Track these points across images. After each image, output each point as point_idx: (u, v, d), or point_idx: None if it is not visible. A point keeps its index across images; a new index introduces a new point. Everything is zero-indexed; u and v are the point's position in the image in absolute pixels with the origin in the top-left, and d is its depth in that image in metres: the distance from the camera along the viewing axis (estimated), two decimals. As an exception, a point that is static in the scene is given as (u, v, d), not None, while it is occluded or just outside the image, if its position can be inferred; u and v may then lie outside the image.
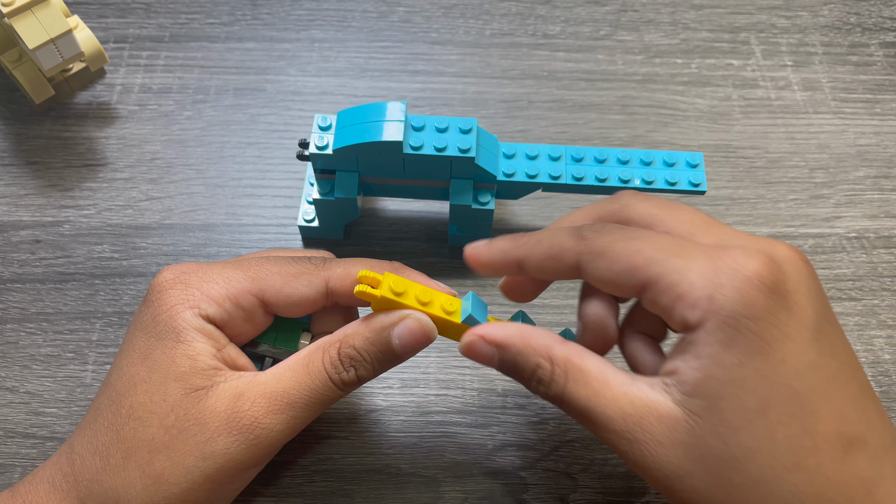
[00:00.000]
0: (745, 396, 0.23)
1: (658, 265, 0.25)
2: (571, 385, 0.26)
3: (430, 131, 0.36)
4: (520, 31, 0.49)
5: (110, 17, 0.49)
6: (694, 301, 0.24)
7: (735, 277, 0.24)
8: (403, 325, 0.28)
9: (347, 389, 0.29)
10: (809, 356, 0.24)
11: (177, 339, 0.29)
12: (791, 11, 0.51)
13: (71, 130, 0.45)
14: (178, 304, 0.29)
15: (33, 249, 0.41)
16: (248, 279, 0.30)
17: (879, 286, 0.41)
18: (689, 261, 0.25)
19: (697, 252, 0.25)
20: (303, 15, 0.50)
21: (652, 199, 0.28)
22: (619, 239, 0.26)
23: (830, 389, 0.24)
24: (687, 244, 0.25)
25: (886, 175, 0.45)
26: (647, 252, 0.25)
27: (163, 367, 0.28)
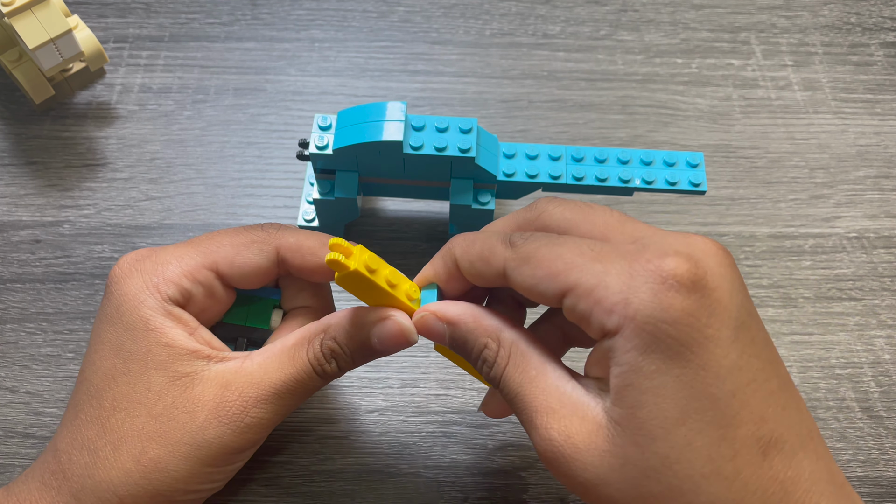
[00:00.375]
0: (664, 405, 0.23)
1: (577, 270, 0.24)
2: (510, 368, 0.26)
3: (430, 131, 0.36)
4: (520, 31, 0.49)
5: (110, 16, 0.49)
6: (611, 306, 0.23)
7: (651, 279, 0.23)
8: (384, 325, 0.28)
9: (329, 378, 0.30)
10: (731, 358, 0.23)
11: (146, 328, 0.29)
12: (791, 11, 0.51)
13: (71, 130, 0.45)
14: (138, 291, 0.29)
15: (33, 249, 0.41)
16: (200, 254, 0.30)
17: (879, 286, 0.41)
18: (607, 264, 0.24)
19: (615, 255, 0.24)
20: (303, 15, 0.50)
21: (567, 203, 0.28)
22: (542, 245, 0.26)
23: (750, 391, 0.23)
24: (606, 248, 0.25)
25: (887, 175, 0.45)
26: (566, 257, 0.25)
27: (139, 358, 0.29)
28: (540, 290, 0.25)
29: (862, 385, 0.38)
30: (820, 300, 0.40)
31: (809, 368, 0.38)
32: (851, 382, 0.38)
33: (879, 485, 0.36)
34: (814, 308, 0.40)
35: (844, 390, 0.38)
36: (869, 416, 0.37)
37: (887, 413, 0.37)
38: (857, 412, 0.37)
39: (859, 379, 0.38)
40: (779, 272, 0.41)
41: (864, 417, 0.37)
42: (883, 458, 0.36)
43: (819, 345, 0.39)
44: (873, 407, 0.38)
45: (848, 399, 0.38)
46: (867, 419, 0.37)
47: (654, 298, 0.23)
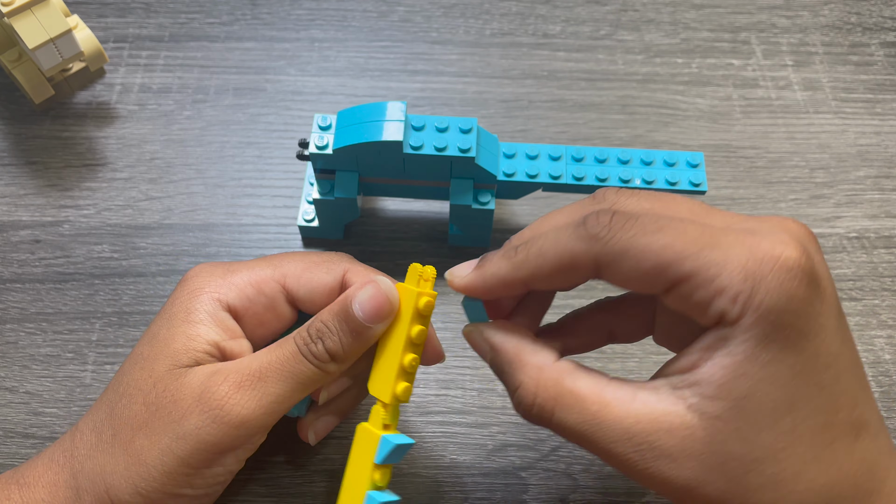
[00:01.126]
0: (776, 393, 0.23)
1: (692, 260, 0.23)
2: (562, 413, 0.25)
3: (430, 131, 0.36)
4: (520, 31, 0.49)
5: (110, 16, 0.49)
6: (735, 295, 0.23)
7: (776, 268, 0.23)
8: (365, 291, 0.28)
9: (322, 366, 0.28)
10: (836, 345, 0.23)
11: (185, 319, 0.29)
12: (792, 11, 0.51)
13: (70, 130, 0.45)
14: (198, 288, 0.30)
15: (33, 249, 0.41)
16: (271, 267, 0.31)
17: (880, 286, 0.41)
18: (725, 251, 0.23)
19: (731, 240, 0.23)
20: (303, 15, 0.49)
21: (639, 194, 0.26)
22: (639, 233, 0.24)
23: (848, 377, 0.24)
24: (717, 232, 0.24)
25: (887, 175, 0.45)
26: (676, 245, 0.23)
27: (161, 344, 0.29)
28: (646, 283, 0.24)
29: (862, 385, 0.38)
30: (820, 300, 0.40)
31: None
32: (852, 382, 0.38)
33: (880, 485, 0.35)
34: (814, 308, 0.40)
35: (845, 390, 0.38)
36: (869, 416, 0.37)
37: (887, 413, 0.37)
38: (858, 412, 0.37)
39: (859, 379, 0.38)
40: (779, 272, 0.41)
41: (865, 417, 0.37)
42: (883, 459, 0.36)
43: (819, 345, 0.39)
44: (874, 407, 0.38)
45: (848, 399, 0.38)
46: (867, 419, 0.37)
47: (780, 287, 0.22)
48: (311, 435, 0.32)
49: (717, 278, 0.23)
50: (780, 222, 0.25)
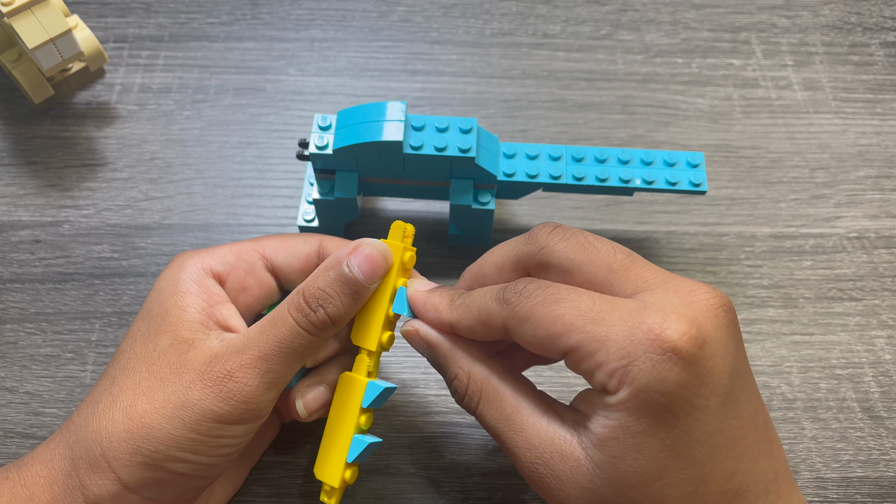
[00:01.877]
0: (645, 462, 0.25)
1: (577, 332, 0.25)
2: (483, 406, 0.28)
3: (430, 131, 0.36)
4: (520, 31, 0.49)
5: (110, 16, 0.49)
6: (612, 371, 0.25)
7: (651, 350, 0.24)
8: (359, 252, 0.29)
9: (321, 333, 0.29)
10: (713, 424, 0.25)
11: (172, 291, 0.30)
12: (792, 11, 0.51)
13: (70, 130, 0.45)
14: (182, 261, 0.31)
15: (33, 249, 0.41)
16: (250, 241, 0.33)
17: (880, 286, 0.41)
18: (608, 328, 0.25)
19: (616, 318, 0.25)
20: (303, 14, 0.49)
21: (570, 239, 0.28)
22: (539, 304, 0.26)
23: (725, 451, 0.25)
24: (605, 307, 0.25)
25: (887, 175, 0.45)
26: (566, 318, 0.26)
27: (158, 319, 0.30)
28: (544, 348, 0.26)
29: (862, 385, 0.38)
30: (820, 300, 0.40)
31: (810, 369, 0.38)
32: (852, 383, 0.38)
33: (880, 485, 0.36)
34: (814, 308, 0.40)
35: (845, 390, 0.38)
36: (869, 416, 0.37)
37: (888, 413, 0.37)
38: (858, 412, 0.37)
39: (860, 379, 0.38)
40: (779, 272, 0.41)
41: (865, 418, 0.37)
42: (883, 459, 0.36)
43: (819, 345, 0.39)
44: (874, 407, 0.38)
45: (848, 399, 0.38)
46: (868, 419, 0.37)
47: (652, 369, 0.24)
48: (299, 405, 0.31)
49: (596, 353, 0.25)
50: (687, 294, 0.26)
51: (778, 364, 0.38)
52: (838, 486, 0.35)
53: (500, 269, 0.30)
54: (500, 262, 0.30)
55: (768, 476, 0.27)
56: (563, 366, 0.38)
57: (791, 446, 0.36)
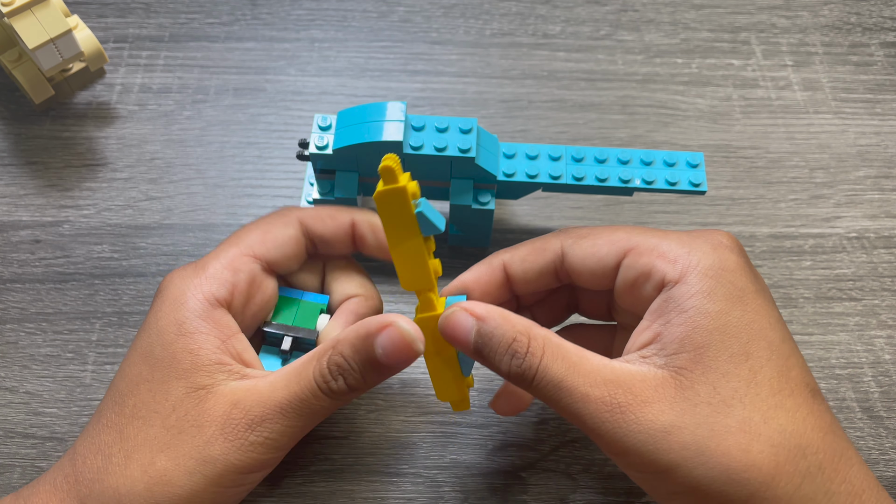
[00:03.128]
0: (731, 342, 0.25)
1: (637, 238, 0.28)
2: (547, 360, 0.26)
3: (430, 131, 0.36)
4: (520, 31, 0.49)
5: (110, 16, 0.49)
6: (675, 257, 0.26)
7: (708, 243, 0.27)
8: (386, 334, 0.27)
9: (341, 398, 0.28)
10: (774, 314, 0.27)
11: (178, 332, 0.29)
12: (791, 11, 0.51)
13: (70, 130, 0.45)
14: (180, 293, 0.29)
15: (33, 249, 0.41)
16: (234, 245, 0.31)
17: (880, 286, 0.41)
18: (664, 236, 0.28)
19: (668, 234, 0.28)
20: (303, 15, 0.50)
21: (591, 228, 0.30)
22: (599, 229, 0.29)
23: (792, 344, 0.27)
24: (659, 231, 0.29)
25: (887, 175, 0.45)
26: (624, 233, 0.29)
27: (165, 364, 0.28)
28: (600, 256, 0.28)
29: (862, 385, 0.38)
30: (820, 300, 0.40)
31: (809, 368, 0.38)
32: (851, 382, 0.38)
33: (880, 485, 0.36)
34: (814, 308, 0.40)
35: (844, 390, 0.38)
36: (869, 416, 0.37)
37: (887, 413, 0.37)
38: (858, 412, 0.37)
39: (859, 379, 0.38)
40: (779, 272, 0.41)
41: (865, 418, 0.37)
42: (883, 459, 0.36)
43: (819, 345, 0.39)
44: (873, 407, 0.38)
45: (848, 399, 0.38)
46: (867, 419, 0.37)
47: (714, 252, 0.27)
48: None
49: (657, 246, 0.27)
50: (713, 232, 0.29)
51: (778, 364, 0.39)
52: (838, 486, 0.35)
53: None
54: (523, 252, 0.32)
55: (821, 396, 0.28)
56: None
57: (791, 446, 0.36)
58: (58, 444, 0.35)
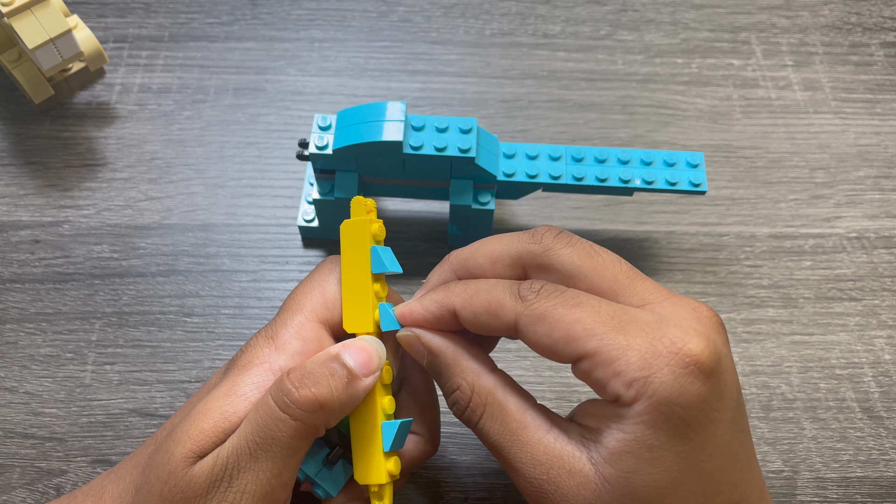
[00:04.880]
0: (659, 476, 0.24)
1: (597, 339, 0.25)
2: (487, 420, 0.27)
3: (430, 131, 0.36)
4: (520, 31, 0.49)
5: (110, 16, 0.49)
6: (630, 381, 0.24)
7: (673, 363, 0.24)
8: (352, 344, 0.27)
9: (307, 418, 0.26)
10: (725, 437, 0.25)
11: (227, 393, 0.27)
12: (791, 11, 0.51)
13: (70, 130, 0.45)
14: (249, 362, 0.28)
15: (32, 249, 0.41)
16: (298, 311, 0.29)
17: (880, 286, 0.41)
18: (629, 338, 0.24)
19: (637, 329, 0.25)
20: (302, 15, 0.49)
21: (575, 245, 0.27)
22: (559, 304, 0.25)
23: (732, 464, 0.25)
24: (626, 316, 0.25)
25: (887, 175, 0.45)
26: (587, 322, 0.25)
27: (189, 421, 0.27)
28: (555, 351, 0.26)
29: (862, 385, 0.38)
30: (820, 300, 0.40)
31: (810, 369, 0.38)
32: (852, 383, 0.38)
33: (879, 485, 0.36)
34: (814, 308, 0.40)
35: (845, 390, 0.38)
36: (869, 416, 0.37)
37: (887, 413, 0.37)
38: (858, 412, 0.37)
39: (859, 379, 0.38)
40: (779, 272, 0.41)
41: (865, 418, 0.37)
42: (883, 459, 0.36)
43: (819, 345, 0.39)
44: (873, 407, 0.38)
45: (848, 399, 0.38)
46: (867, 419, 0.37)
47: (674, 382, 0.24)
48: None
49: (615, 361, 0.24)
50: (693, 311, 0.26)
51: (778, 364, 0.38)
52: (838, 486, 0.35)
53: (494, 261, 0.28)
54: (497, 255, 0.28)
55: (760, 485, 0.27)
56: (562, 366, 0.38)
57: (791, 446, 0.36)
58: (57, 445, 0.35)
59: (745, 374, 0.38)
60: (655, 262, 0.41)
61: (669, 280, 0.41)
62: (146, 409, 0.36)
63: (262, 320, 0.39)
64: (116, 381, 0.37)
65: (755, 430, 0.37)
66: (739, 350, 0.39)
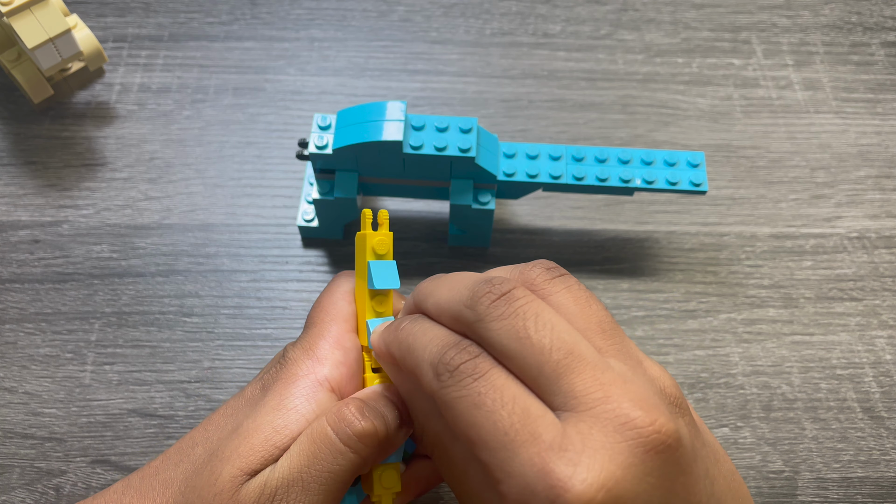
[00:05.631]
0: None
1: (487, 453, 0.23)
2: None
3: (430, 131, 0.36)
4: (520, 31, 0.49)
5: (109, 16, 0.49)
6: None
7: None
8: None
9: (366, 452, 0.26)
10: None
11: (277, 406, 0.27)
12: (792, 11, 0.51)
13: (70, 130, 0.44)
14: (294, 373, 0.29)
15: (32, 249, 0.41)
16: (333, 320, 0.30)
17: (881, 286, 0.41)
18: (516, 464, 0.23)
19: (527, 452, 0.23)
20: (302, 14, 0.49)
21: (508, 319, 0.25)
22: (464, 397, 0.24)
23: None
24: (522, 432, 0.23)
25: (888, 175, 0.45)
26: (483, 430, 0.23)
27: (238, 439, 0.27)
28: (454, 442, 0.26)
29: (863, 385, 0.38)
30: (821, 300, 0.40)
31: (810, 369, 0.38)
32: (852, 383, 0.38)
33: (880, 485, 0.35)
34: (815, 308, 0.40)
35: (845, 391, 0.38)
36: (870, 416, 0.37)
37: (888, 413, 0.37)
38: (858, 413, 0.37)
39: (860, 379, 0.38)
40: (780, 272, 0.41)
41: (865, 418, 0.37)
42: (884, 459, 0.36)
43: (820, 345, 0.39)
44: (874, 407, 0.37)
45: (849, 399, 0.38)
46: (868, 420, 0.37)
47: None
48: None
49: (500, 483, 0.23)
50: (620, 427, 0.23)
51: (778, 364, 0.38)
52: (839, 487, 0.35)
53: (440, 313, 0.26)
54: (443, 308, 0.26)
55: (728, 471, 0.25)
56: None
57: (791, 446, 0.36)
58: (57, 445, 0.35)
59: (745, 375, 0.38)
60: (656, 262, 0.41)
61: (670, 280, 0.41)
62: (146, 409, 0.36)
63: (262, 320, 0.39)
64: (116, 382, 0.37)
65: (756, 430, 0.37)
66: (740, 350, 0.39)
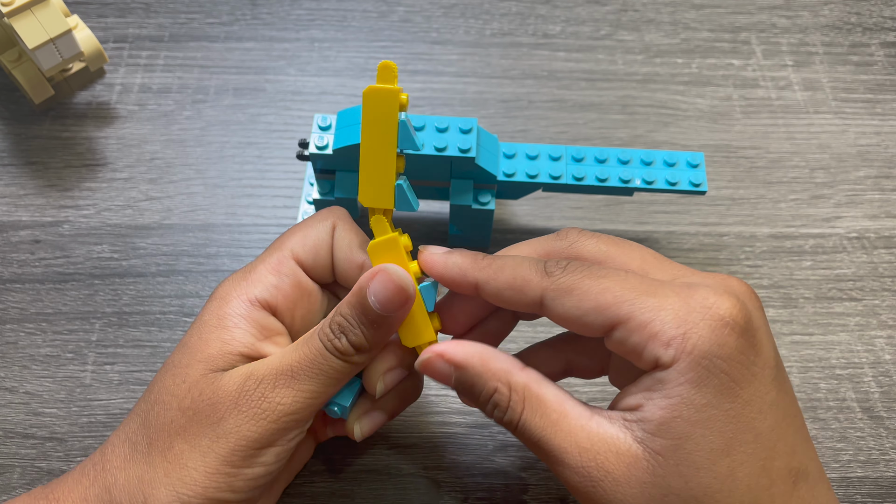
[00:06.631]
0: (712, 437, 0.24)
1: (629, 304, 0.25)
2: (528, 413, 0.26)
3: (430, 131, 0.36)
4: (520, 31, 0.49)
5: (110, 16, 0.49)
6: (668, 340, 0.24)
7: (708, 317, 0.24)
8: (377, 281, 0.27)
9: (350, 359, 0.28)
10: (771, 395, 0.25)
11: (218, 325, 0.29)
12: (792, 11, 0.51)
13: (70, 130, 0.45)
14: (225, 294, 0.30)
15: (33, 249, 0.41)
16: (277, 249, 0.30)
17: (880, 286, 0.41)
18: (661, 299, 0.25)
19: (668, 291, 0.25)
20: (302, 15, 0.49)
21: (601, 236, 0.28)
22: (586, 276, 0.25)
23: (784, 426, 0.25)
24: (655, 282, 0.25)
25: (887, 175, 0.45)
26: (616, 290, 0.25)
27: (192, 350, 0.29)
28: (585, 322, 0.25)
29: (862, 385, 0.38)
30: (820, 300, 0.40)
31: (810, 369, 0.38)
32: (852, 383, 0.38)
33: (880, 485, 0.36)
34: (814, 308, 0.40)
35: (845, 391, 0.38)
36: (869, 416, 0.37)
37: (888, 413, 0.37)
38: (858, 412, 0.37)
39: (860, 379, 0.38)
40: (779, 272, 0.41)
41: (865, 418, 0.37)
42: (883, 459, 0.36)
43: (819, 345, 0.39)
44: (874, 407, 0.38)
45: (848, 399, 0.38)
46: (868, 419, 0.37)
47: (711, 335, 0.24)
48: (356, 429, 0.31)
49: (650, 323, 0.24)
50: (724, 280, 0.26)
51: (778, 364, 0.39)
52: (838, 487, 0.35)
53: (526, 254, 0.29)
54: (527, 254, 0.28)
55: (818, 463, 0.26)
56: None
57: (791, 446, 0.36)
58: (57, 445, 0.35)
59: (745, 374, 0.38)
60: (655, 262, 0.41)
61: (669, 280, 0.41)
62: (146, 409, 0.36)
63: (263, 320, 0.39)
64: (116, 381, 0.37)
65: (755, 430, 0.37)
66: (739, 350, 0.39)
